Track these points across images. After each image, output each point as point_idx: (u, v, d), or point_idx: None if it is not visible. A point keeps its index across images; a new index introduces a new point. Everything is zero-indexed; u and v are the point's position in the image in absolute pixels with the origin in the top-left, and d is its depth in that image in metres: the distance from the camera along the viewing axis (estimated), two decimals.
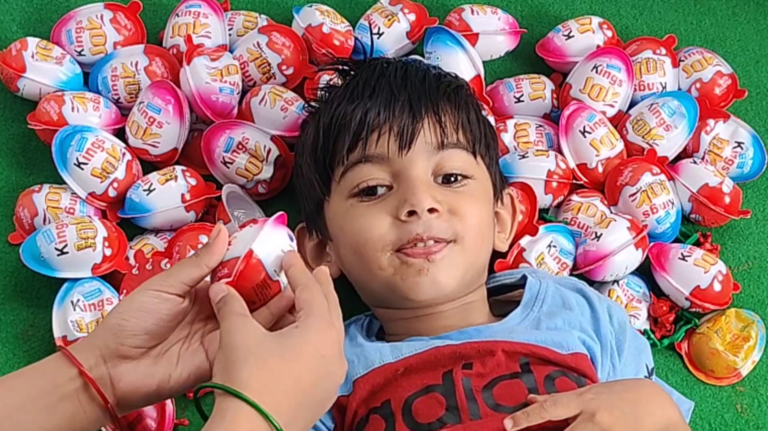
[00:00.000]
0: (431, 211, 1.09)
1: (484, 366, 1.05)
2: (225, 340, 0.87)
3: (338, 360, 0.90)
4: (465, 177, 1.14)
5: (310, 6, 1.40)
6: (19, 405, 0.88)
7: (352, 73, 1.23)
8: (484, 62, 1.40)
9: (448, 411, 1.02)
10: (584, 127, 1.33)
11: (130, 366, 0.92)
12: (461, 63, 1.36)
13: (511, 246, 1.27)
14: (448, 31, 1.38)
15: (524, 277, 1.18)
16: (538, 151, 1.33)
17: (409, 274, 1.09)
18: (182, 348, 0.95)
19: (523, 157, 1.32)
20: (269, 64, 1.36)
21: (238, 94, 1.34)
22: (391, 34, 1.39)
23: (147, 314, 0.92)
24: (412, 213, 1.09)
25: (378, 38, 1.38)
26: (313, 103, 1.26)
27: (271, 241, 0.95)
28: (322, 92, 1.24)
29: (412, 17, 1.41)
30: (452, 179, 1.13)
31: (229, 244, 0.95)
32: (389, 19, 1.39)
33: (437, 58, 1.36)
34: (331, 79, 1.28)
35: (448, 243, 1.10)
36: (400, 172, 1.12)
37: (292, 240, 0.98)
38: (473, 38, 1.40)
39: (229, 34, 1.40)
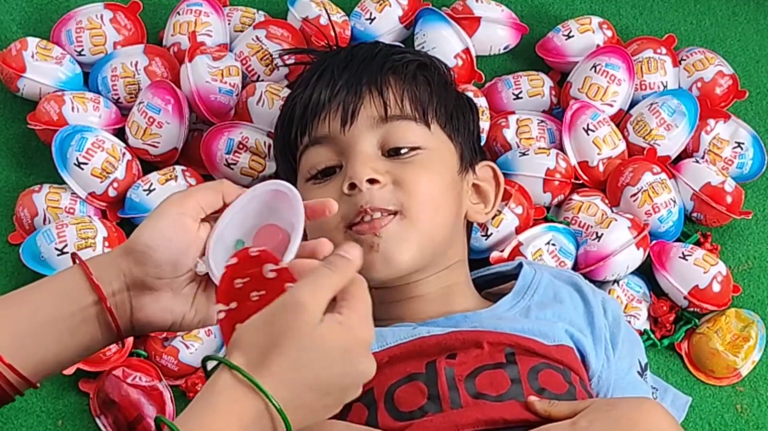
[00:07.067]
0: (372, 182, 1.08)
1: (468, 356, 1.04)
2: (276, 325, 0.81)
3: (366, 358, 0.83)
4: (414, 149, 1.13)
5: None
6: (44, 325, 0.87)
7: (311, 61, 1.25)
8: (483, 57, 1.40)
9: (430, 400, 1.01)
10: (588, 125, 1.33)
11: (152, 298, 0.90)
12: (449, 38, 1.37)
13: (508, 243, 1.27)
14: (434, 11, 1.39)
15: (520, 266, 1.17)
16: (539, 149, 1.33)
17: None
18: (199, 289, 0.92)
19: (524, 154, 1.32)
20: (271, 56, 1.36)
21: (236, 96, 1.34)
22: (382, 19, 1.39)
23: (170, 241, 0.88)
24: (353, 186, 1.09)
25: (370, 23, 1.39)
26: None
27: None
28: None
29: (404, 1, 1.41)
30: (401, 151, 1.12)
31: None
32: (380, 4, 1.40)
33: (423, 35, 1.37)
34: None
35: (394, 216, 1.08)
36: (345, 148, 1.12)
37: None
38: (475, 22, 1.40)
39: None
